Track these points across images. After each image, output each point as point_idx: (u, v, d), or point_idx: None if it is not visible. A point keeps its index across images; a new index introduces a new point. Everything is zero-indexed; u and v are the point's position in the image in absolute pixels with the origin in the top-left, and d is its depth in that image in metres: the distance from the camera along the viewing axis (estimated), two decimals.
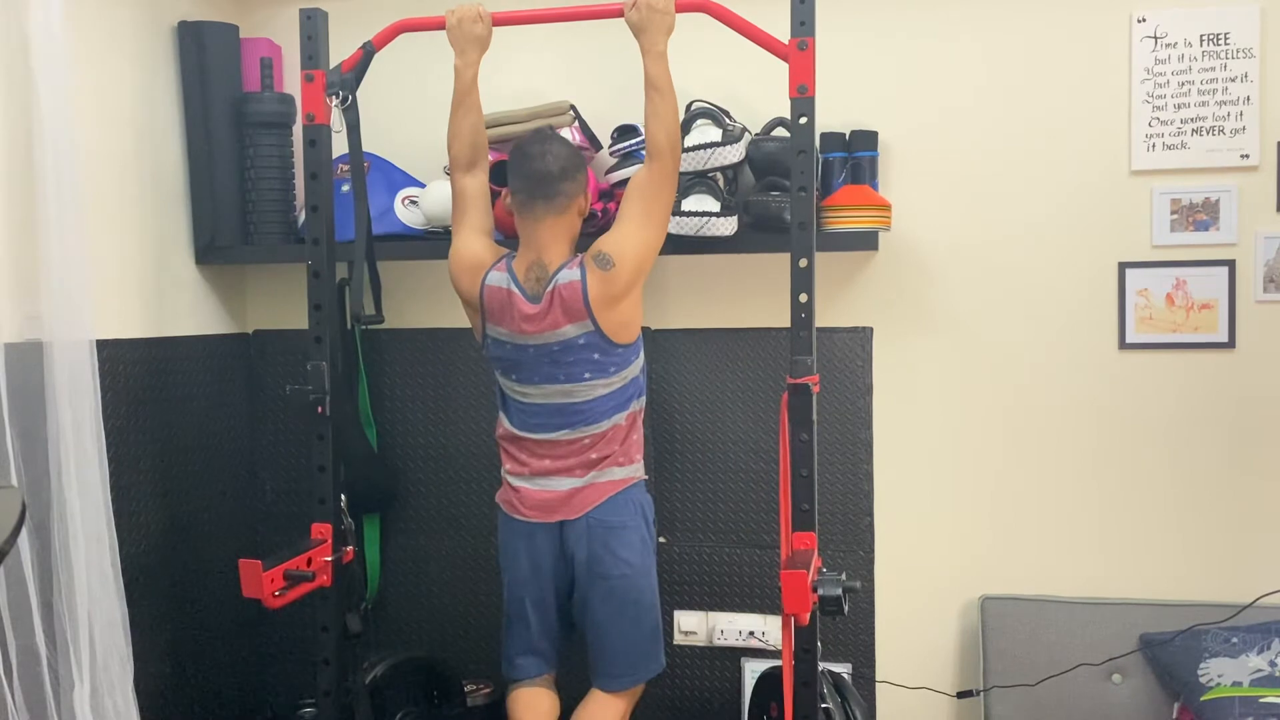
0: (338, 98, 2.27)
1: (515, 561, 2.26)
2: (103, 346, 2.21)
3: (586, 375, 2.18)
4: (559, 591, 2.25)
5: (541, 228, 2.15)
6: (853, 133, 2.42)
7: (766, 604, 2.59)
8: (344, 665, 2.37)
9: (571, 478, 2.20)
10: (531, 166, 2.14)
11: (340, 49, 2.33)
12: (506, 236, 2.35)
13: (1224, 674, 2.25)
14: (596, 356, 2.17)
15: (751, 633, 2.60)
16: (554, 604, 2.26)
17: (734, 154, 2.29)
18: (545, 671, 2.30)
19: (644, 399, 2.29)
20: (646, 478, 2.29)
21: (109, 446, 2.16)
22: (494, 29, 2.22)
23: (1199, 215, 2.37)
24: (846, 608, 1.95)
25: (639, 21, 2.11)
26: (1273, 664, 2.24)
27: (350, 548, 2.38)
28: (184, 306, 2.61)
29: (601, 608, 2.21)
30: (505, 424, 2.27)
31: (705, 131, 2.32)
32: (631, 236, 2.14)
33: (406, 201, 2.56)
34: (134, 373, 2.40)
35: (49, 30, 2.03)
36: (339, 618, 2.35)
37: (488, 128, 2.33)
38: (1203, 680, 2.27)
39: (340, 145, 2.34)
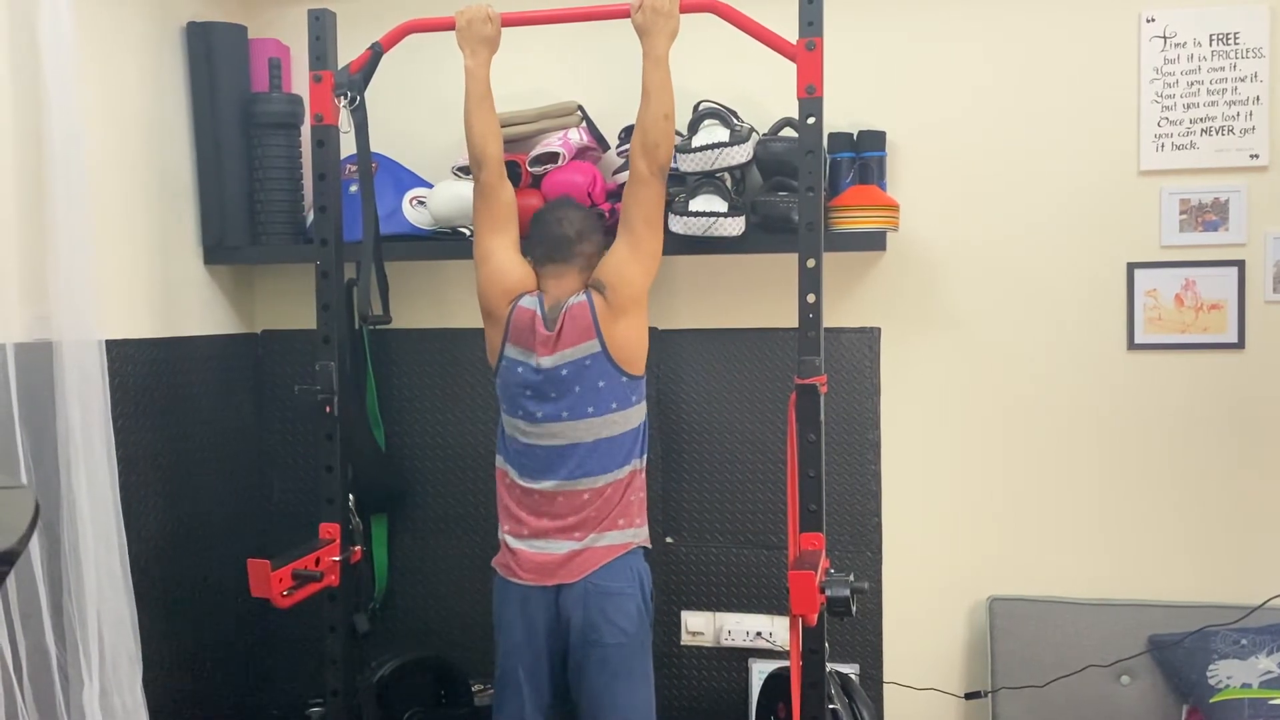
0: (346, 98, 2.28)
1: (510, 627, 2.24)
2: (112, 346, 2.22)
3: (589, 410, 2.19)
4: (553, 659, 2.23)
5: (563, 282, 2.24)
6: (860, 133, 2.42)
7: (774, 604, 2.59)
8: (352, 665, 2.38)
9: (570, 540, 2.20)
10: (549, 232, 2.24)
11: (348, 49, 2.34)
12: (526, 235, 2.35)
13: (1233, 676, 2.24)
14: (601, 384, 2.18)
15: (759, 633, 2.59)
16: (547, 673, 2.24)
17: (742, 154, 2.29)
18: None
19: (645, 459, 2.29)
20: (648, 545, 2.28)
21: (118, 446, 2.16)
22: (503, 29, 2.23)
23: (1208, 215, 2.37)
24: (854, 609, 1.95)
25: (643, 24, 2.12)
26: None
27: (358, 547, 2.39)
28: (192, 307, 2.62)
29: (596, 677, 2.18)
30: (509, 473, 2.27)
31: (713, 132, 2.32)
32: (623, 262, 2.19)
33: (414, 202, 2.56)
34: (143, 373, 2.41)
35: (58, 31, 2.03)
36: (347, 617, 2.35)
37: None
38: (1212, 682, 2.26)
39: (348, 146, 2.34)
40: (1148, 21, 2.37)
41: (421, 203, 2.56)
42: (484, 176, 2.25)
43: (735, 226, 2.29)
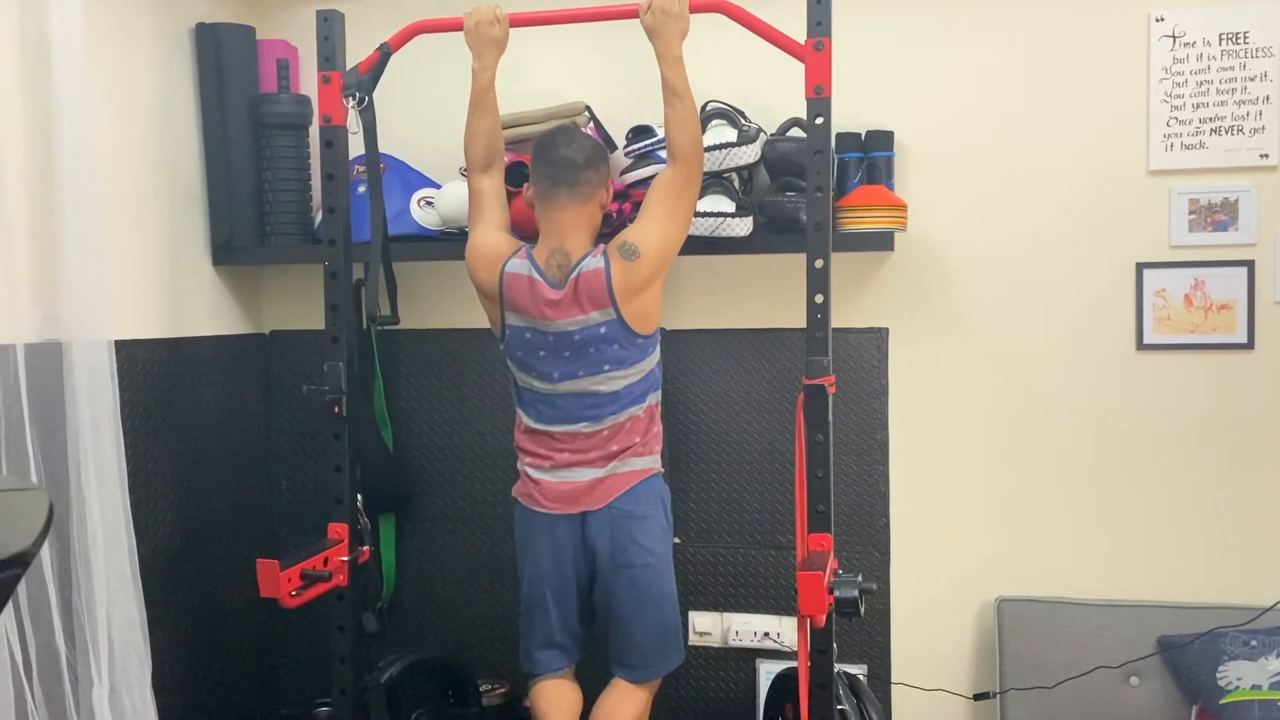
0: (354, 99, 2.28)
1: (536, 554, 2.25)
2: (121, 347, 2.22)
3: (606, 367, 2.18)
4: (580, 584, 2.25)
5: (564, 215, 2.17)
6: (868, 133, 2.42)
7: (781, 605, 2.59)
8: (360, 664, 2.38)
9: (592, 469, 2.20)
10: (556, 153, 2.18)
11: (357, 50, 2.34)
12: (524, 237, 2.35)
13: (1243, 677, 2.24)
14: (616, 348, 2.17)
15: (766, 634, 2.59)
16: (575, 596, 2.25)
17: (749, 154, 2.29)
18: (566, 665, 2.29)
19: (660, 393, 2.29)
20: (663, 470, 2.29)
21: (127, 446, 2.17)
22: (510, 30, 2.23)
23: (1217, 215, 2.36)
24: (863, 609, 1.95)
25: (653, 26, 2.12)
26: None
27: (366, 547, 2.40)
28: (201, 307, 2.62)
29: (625, 598, 2.20)
30: (525, 420, 2.27)
31: (720, 132, 2.32)
32: (656, 231, 2.16)
33: (422, 202, 2.56)
34: (151, 373, 2.41)
35: (67, 32, 2.04)
36: (355, 617, 2.36)
37: (503, 128, 2.33)
38: (1221, 683, 2.25)
39: (356, 146, 2.34)
40: (1157, 21, 2.36)
41: (429, 203, 2.56)
42: (469, 177, 2.29)
43: (743, 227, 2.29)
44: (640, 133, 2.42)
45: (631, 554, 2.19)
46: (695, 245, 2.31)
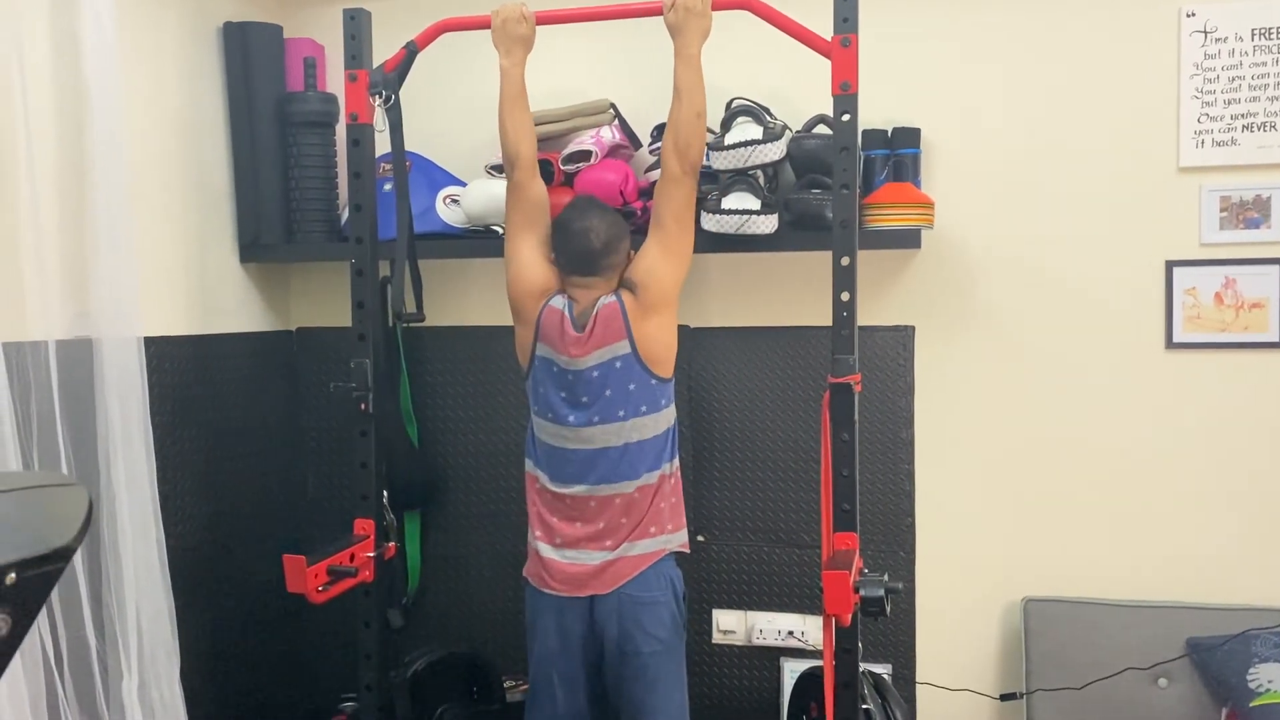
0: (380, 97, 2.29)
1: (544, 636, 2.24)
2: (150, 343, 2.24)
3: (620, 414, 2.18)
4: (588, 667, 2.24)
5: (591, 292, 2.21)
6: (895, 129, 2.40)
7: (806, 604, 2.58)
8: (385, 659, 2.39)
9: (602, 550, 2.19)
10: (574, 246, 2.20)
11: (383, 48, 2.35)
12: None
13: (1274, 679, 2.21)
14: (632, 387, 2.18)
15: (790, 632, 2.59)
16: (583, 679, 2.24)
17: (775, 151, 2.28)
18: None
19: (677, 463, 2.27)
20: (683, 549, 2.26)
21: (156, 441, 2.19)
22: (537, 28, 2.23)
23: (1249, 213, 2.33)
24: (889, 609, 1.94)
25: (675, 23, 2.12)
26: None
27: (392, 543, 2.41)
28: (229, 304, 2.64)
29: (634, 685, 2.19)
30: (540, 478, 2.26)
31: (746, 129, 2.31)
32: (655, 261, 2.18)
33: (448, 200, 2.57)
34: (180, 369, 2.43)
35: (99, 32, 2.06)
36: (381, 613, 2.37)
37: None
38: (1252, 686, 2.23)
39: (383, 144, 2.36)
40: (1188, 16, 2.33)
41: (455, 201, 2.57)
42: (515, 175, 2.25)
43: (768, 224, 2.28)
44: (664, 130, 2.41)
45: (639, 641, 2.17)
46: (720, 242, 2.31)
